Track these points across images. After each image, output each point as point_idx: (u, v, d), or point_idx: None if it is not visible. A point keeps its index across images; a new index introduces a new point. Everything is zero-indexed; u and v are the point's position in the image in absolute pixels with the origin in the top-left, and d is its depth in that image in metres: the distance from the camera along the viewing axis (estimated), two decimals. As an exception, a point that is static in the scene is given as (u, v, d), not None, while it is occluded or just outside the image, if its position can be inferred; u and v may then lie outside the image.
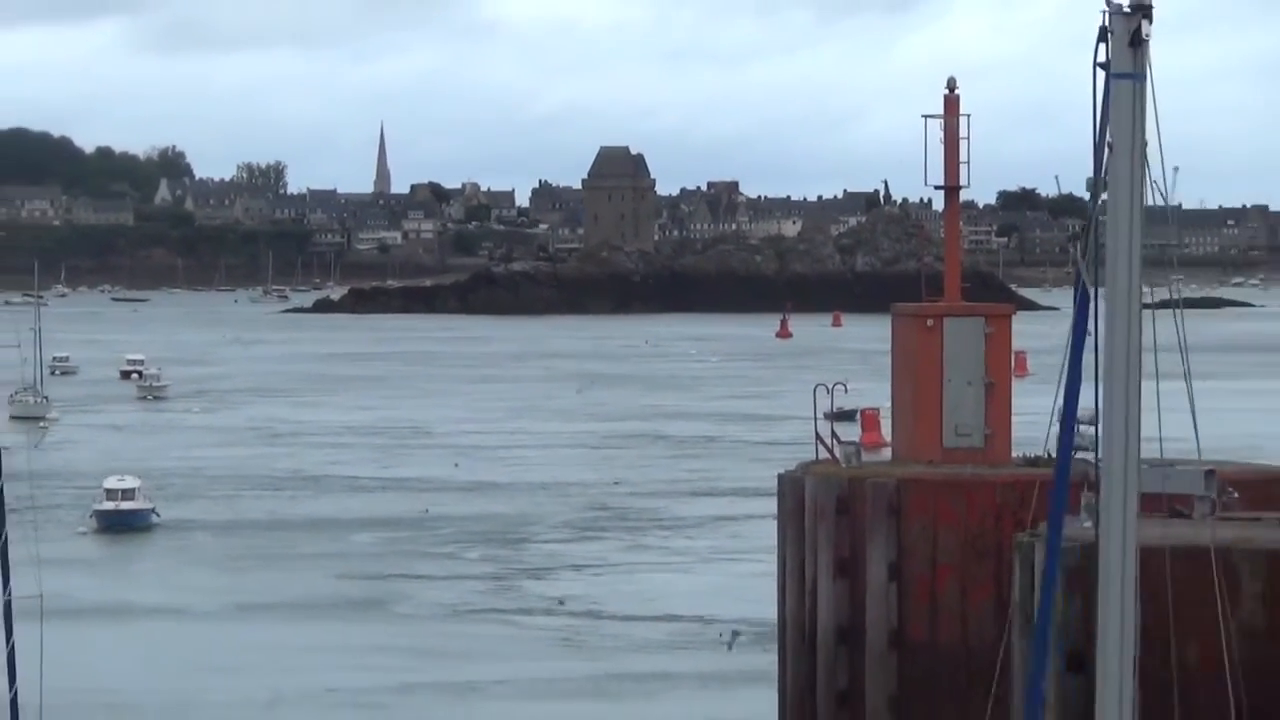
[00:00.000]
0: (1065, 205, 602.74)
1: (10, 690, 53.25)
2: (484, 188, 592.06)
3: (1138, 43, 19.70)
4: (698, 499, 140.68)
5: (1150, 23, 19.80)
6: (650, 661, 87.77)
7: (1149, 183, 19.62)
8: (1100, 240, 20.08)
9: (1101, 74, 19.66)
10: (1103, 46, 19.54)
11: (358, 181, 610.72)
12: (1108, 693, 20.93)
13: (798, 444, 41.04)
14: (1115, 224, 20.25)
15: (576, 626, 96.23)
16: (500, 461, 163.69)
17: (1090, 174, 20.41)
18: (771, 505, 41.92)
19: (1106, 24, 19.69)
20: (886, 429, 38.91)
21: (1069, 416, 23.26)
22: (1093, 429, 37.06)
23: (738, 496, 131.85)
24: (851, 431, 50.05)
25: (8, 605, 52.56)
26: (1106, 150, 19.70)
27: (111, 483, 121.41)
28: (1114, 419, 21.71)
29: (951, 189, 39.41)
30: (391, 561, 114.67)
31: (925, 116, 38.89)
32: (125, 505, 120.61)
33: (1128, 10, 19.61)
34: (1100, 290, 20.43)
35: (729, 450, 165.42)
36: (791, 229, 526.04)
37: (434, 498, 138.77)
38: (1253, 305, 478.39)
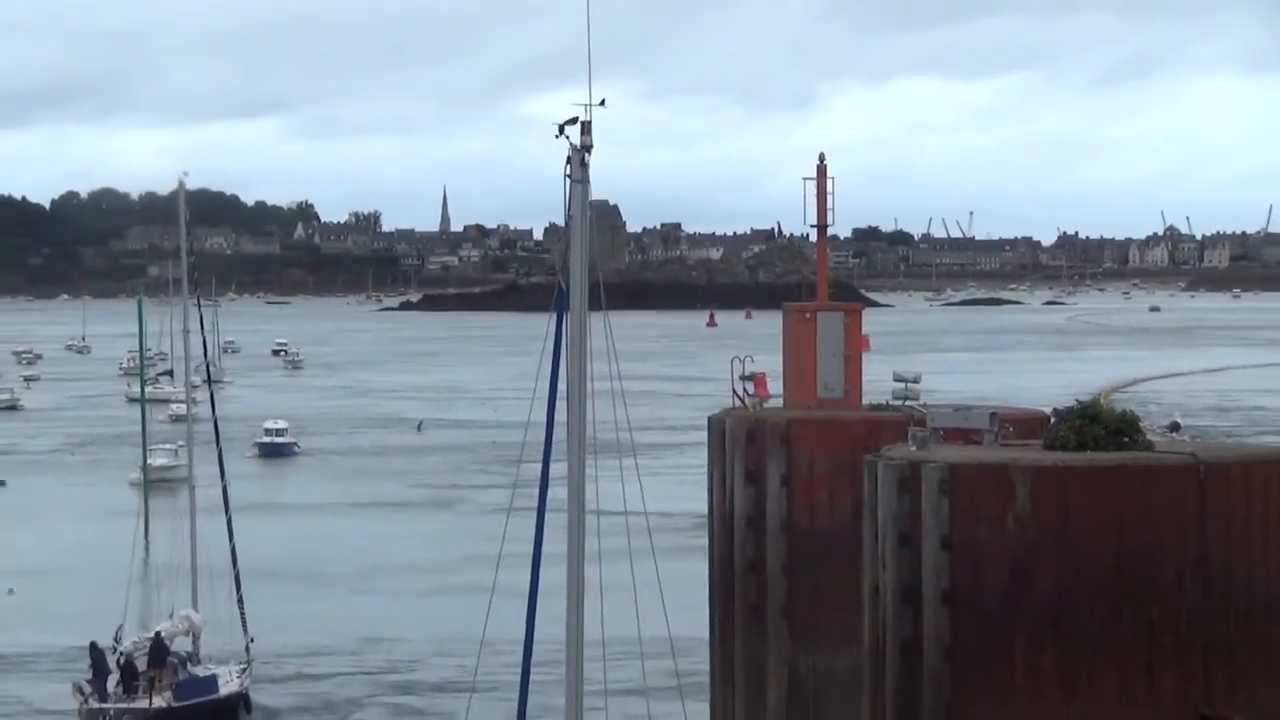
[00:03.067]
0: (898, 238, 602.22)
1: (230, 542, 55.53)
2: (513, 227, 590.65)
3: (584, 164, 23.38)
4: (652, 431, 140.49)
5: (590, 154, 23.54)
6: (639, 541, 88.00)
7: (954, 220, 20.38)
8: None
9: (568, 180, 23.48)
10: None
11: (429, 223, 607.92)
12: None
13: (719, 396, 41.17)
14: (573, 263, 24.34)
15: (586, 519, 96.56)
16: (519, 408, 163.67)
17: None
18: (699, 436, 42.02)
19: (569, 154, 23.30)
20: (772, 386, 38.56)
21: (552, 390, 25.94)
22: (918, 384, 37.26)
23: (678, 430, 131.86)
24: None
25: (225, 490, 55.36)
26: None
27: (268, 424, 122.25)
28: (573, 386, 24.74)
29: (821, 227, 39.30)
30: (454, 475, 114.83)
31: (805, 179, 38.84)
32: (277, 440, 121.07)
33: (580, 148, 23.33)
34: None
35: (673, 399, 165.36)
36: (716, 254, 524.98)
37: (485, 433, 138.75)
38: (1020, 303, 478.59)
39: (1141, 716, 26.10)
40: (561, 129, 23.26)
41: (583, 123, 23.15)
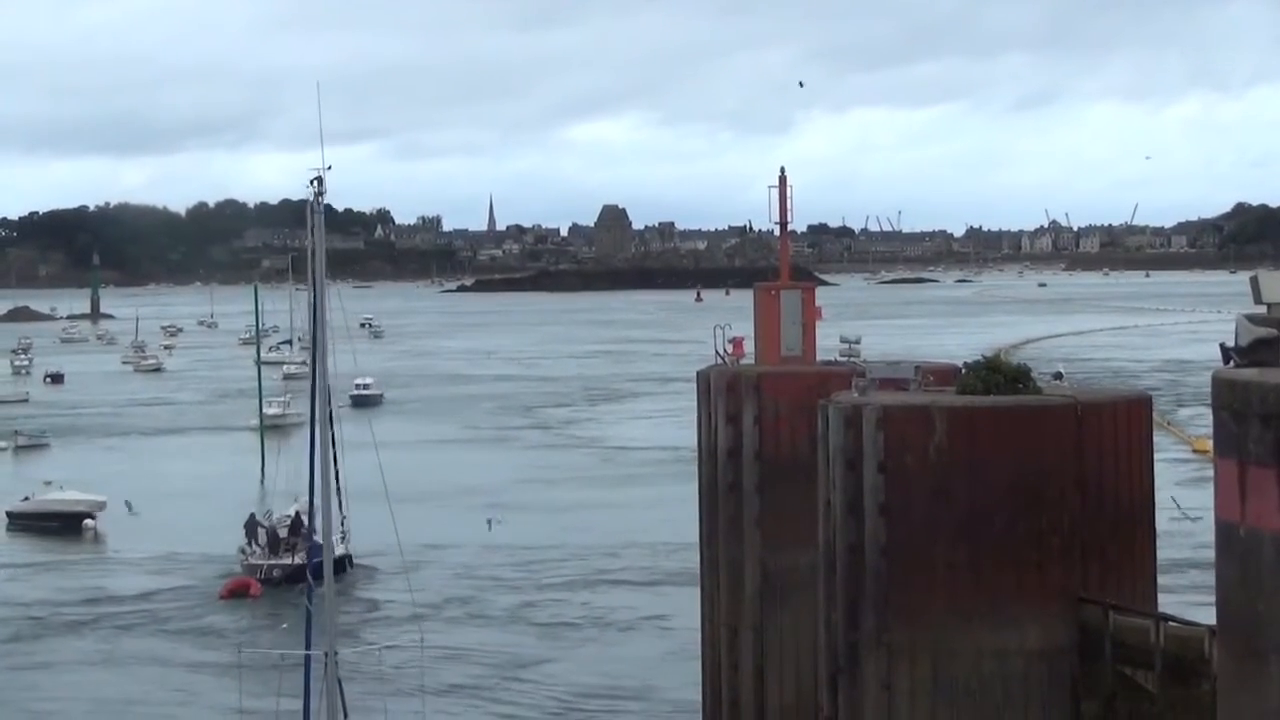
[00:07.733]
0: (842, 232, 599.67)
1: (333, 451, 57.77)
2: (544, 226, 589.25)
3: (320, 194, 26.83)
4: (652, 382, 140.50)
5: (323, 198, 27.28)
6: (645, 469, 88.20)
7: (886, 217, 20.01)
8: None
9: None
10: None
11: (479, 224, 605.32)
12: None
13: (705, 355, 41.19)
14: (314, 266, 27.88)
15: (604, 452, 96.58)
16: (548, 365, 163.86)
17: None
18: (689, 387, 41.87)
19: (314, 192, 27.09)
20: (746, 347, 38.38)
21: (313, 346, 29.63)
22: (859, 345, 37.14)
23: (671, 381, 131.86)
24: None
25: (330, 417, 57.48)
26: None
27: (358, 380, 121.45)
28: (319, 347, 28.84)
29: (783, 224, 39.10)
30: (504, 417, 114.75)
31: (770, 187, 38.66)
32: (366, 392, 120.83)
33: (317, 193, 27.65)
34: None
35: (667, 357, 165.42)
36: (702, 246, 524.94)
37: (519, 385, 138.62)
38: (937, 281, 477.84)
39: (1034, 601, 26.12)
40: (311, 182, 27.27)
41: (318, 178, 27.44)
